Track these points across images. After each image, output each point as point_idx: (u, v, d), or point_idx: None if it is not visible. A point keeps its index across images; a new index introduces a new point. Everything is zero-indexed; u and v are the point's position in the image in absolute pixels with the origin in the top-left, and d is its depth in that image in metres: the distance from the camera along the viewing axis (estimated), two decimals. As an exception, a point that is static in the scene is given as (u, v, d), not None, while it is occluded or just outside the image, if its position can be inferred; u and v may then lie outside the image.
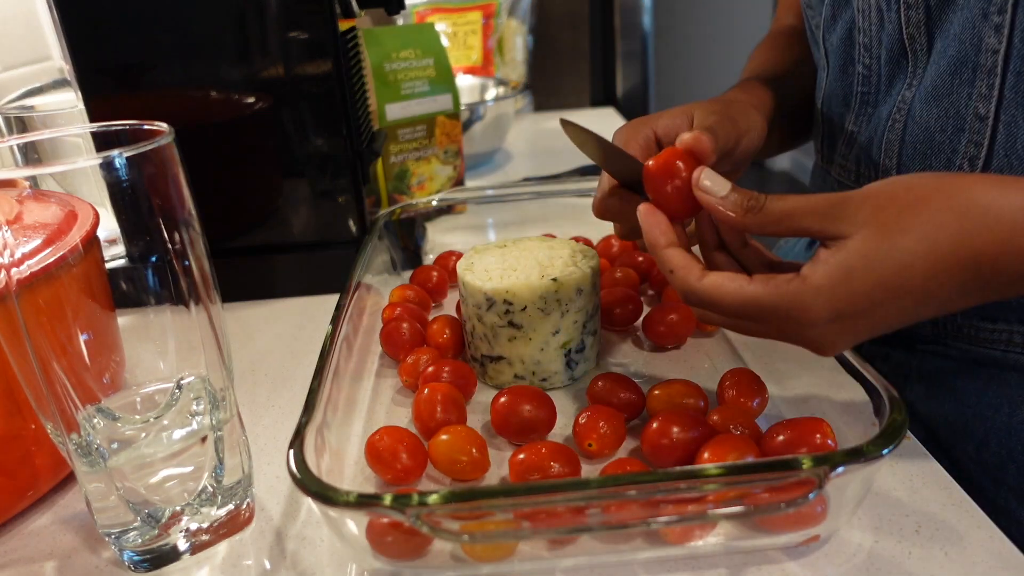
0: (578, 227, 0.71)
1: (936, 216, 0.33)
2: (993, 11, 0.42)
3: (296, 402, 0.51)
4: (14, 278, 0.31)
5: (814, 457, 0.31)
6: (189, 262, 0.35)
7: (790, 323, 0.35)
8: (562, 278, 0.48)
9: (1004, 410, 0.49)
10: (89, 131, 0.36)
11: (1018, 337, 0.49)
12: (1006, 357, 0.49)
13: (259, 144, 0.64)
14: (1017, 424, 0.48)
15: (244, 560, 0.38)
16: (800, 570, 0.35)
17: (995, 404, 0.50)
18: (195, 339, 0.36)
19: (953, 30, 0.44)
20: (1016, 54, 0.42)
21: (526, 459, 0.39)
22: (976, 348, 0.51)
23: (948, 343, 0.53)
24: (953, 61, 0.45)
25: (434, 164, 0.87)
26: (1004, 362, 0.50)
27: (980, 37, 0.43)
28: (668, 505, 0.32)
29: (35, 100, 0.78)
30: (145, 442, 0.36)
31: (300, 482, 0.32)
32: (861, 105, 0.53)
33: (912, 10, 0.46)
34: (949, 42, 0.45)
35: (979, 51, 0.43)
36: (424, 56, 0.83)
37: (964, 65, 0.44)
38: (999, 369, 0.50)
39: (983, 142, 0.44)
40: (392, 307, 0.58)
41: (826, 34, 0.55)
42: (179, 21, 0.59)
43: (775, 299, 0.35)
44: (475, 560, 0.35)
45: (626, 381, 0.46)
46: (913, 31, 0.47)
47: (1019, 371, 0.49)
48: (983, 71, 0.43)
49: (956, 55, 0.44)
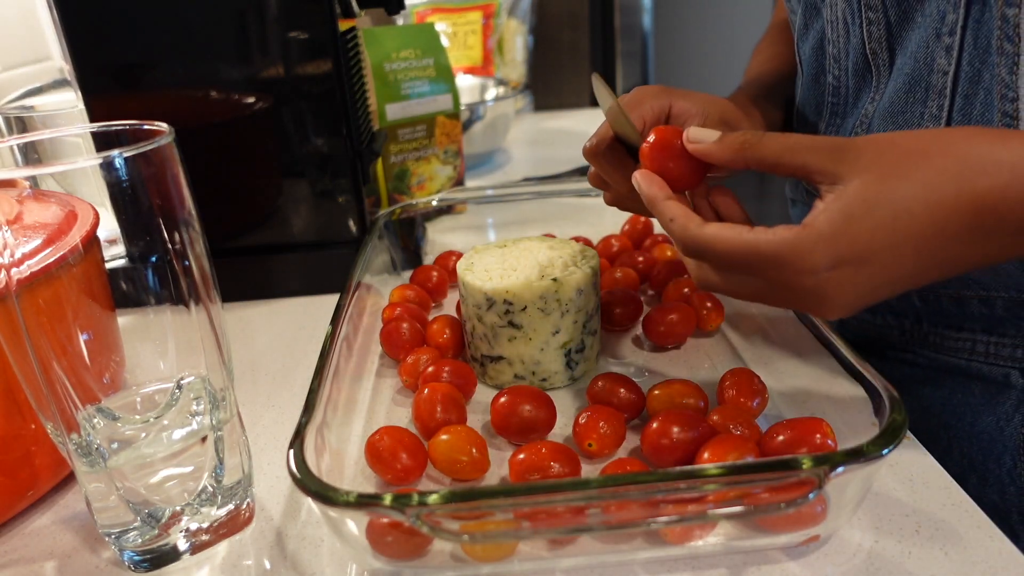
0: (578, 227, 0.71)
1: (937, 162, 0.33)
2: (945, 31, 0.42)
3: (296, 402, 0.51)
4: (14, 278, 0.32)
5: (814, 457, 0.31)
6: (189, 262, 0.35)
7: (789, 272, 0.34)
8: (562, 278, 0.48)
9: (967, 419, 0.50)
10: (89, 131, 0.36)
11: (980, 346, 0.49)
12: (969, 366, 0.50)
13: (259, 144, 0.64)
14: (979, 433, 0.49)
15: (244, 560, 0.38)
16: (800, 570, 0.35)
17: (958, 412, 0.50)
18: (195, 339, 0.36)
19: (910, 47, 0.44)
20: (964, 76, 0.42)
21: (526, 459, 0.39)
22: (942, 356, 0.52)
23: (916, 351, 0.53)
24: (908, 79, 0.45)
25: (434, 164, 0.87)
26: (968, 370, 0.50)
27: (933, 57, 0.43)
28: (668, 505, 0.32)
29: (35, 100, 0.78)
30: (145, 442, 0.36)
31: (300, 482, 0.32)
32: (831, 115, 0.53)
33: (874, 25, 0.46)
34: (907, 59, 0.45)
35: (931, 71, 0.43)
36: (424, 56, 0.83)
37: (918, 84, 0.44)
38: (964, 377, 0.51)
39: None
40: (392, 307, 0.58)
41: (800, 42, 0.55)
42: (179, 21, 0.59)
43: (775, 246, 0.34)
44: (475, 560, 0.35)
45: (626, 381, 0.46)
46: (875, 46, 0.47)
47: (982, 380, 0.50)
48: (934, 91, 0.43)
49: (911, 73, 0.44)
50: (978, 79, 0.41)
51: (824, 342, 0.42)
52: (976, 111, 0.42)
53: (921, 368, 0.53)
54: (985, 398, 0.49)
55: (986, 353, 0.49)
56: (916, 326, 0.52)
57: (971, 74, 0.41)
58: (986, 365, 0.49)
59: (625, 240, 0.69)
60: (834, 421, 0.39)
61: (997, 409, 0.49)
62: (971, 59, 0.41)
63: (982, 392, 0.49)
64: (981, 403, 0.49)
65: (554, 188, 0.71)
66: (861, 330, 0.58)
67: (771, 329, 0.53)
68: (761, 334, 0.54)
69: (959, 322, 0.50)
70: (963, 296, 0.48)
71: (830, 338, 0.41)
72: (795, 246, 0.33)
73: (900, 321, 0.54)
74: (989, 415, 0.49)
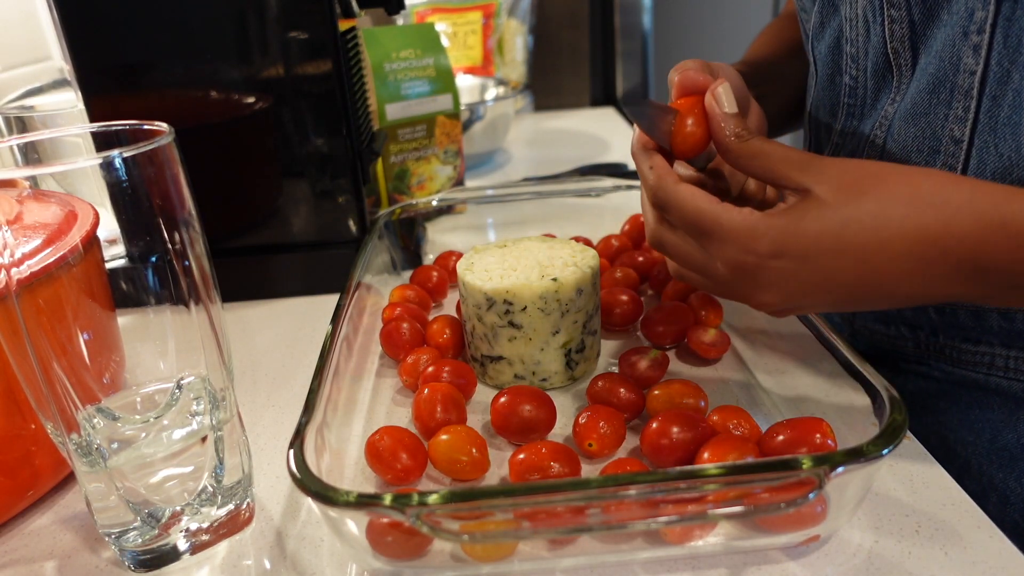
0: (578, 227, 0.71)
1: (893, 188, 0.35)
2: (973, 30, 0.40)
3: (296, 402, 0.51)
4: (14, 278, 0.31)
5: (814, 457, 0.31)
6: (189, 262, 0.35)
7: (735, 248, 0.37)
8: (562, 278, 0.48)
9: (986, 435, 0.48)
10: (89, 131, 0.36)
11: (1000, 360, 0.48)
12: (988, 380, 0.49)
13: (259, 144, 0.64)
14: (999, 450, 0.47)
15: (244, 560, 0.38)
16: (800, 570, 0.35)
17: (977, 428, 0.49)
18: (195, 339, 0.36)
19: (935, 47, 0.43)
20: (993, 77, 0.40)
21: (526, 459, 0.39)
22: (958, 370, 0.50)
23: (932, 364, 0.52)
24: (932, 79, 0.43)
25: (434, 164, 0.87)
26: (986, 385, 0.49)
27: (959, 56, 0.41)
28: (668, 505, 0.32)
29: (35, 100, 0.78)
30: (145, 442, 0.36)
31: (300, 482, 0.32)
32: (847, 117, 0.52)
33: (896, 24, 0.45)
34: (931, 59, 0.43)
35: (957, 71, 0.42)
36: (424, 56, 0.83)
37: (943, 84, 0.43)
38: (981, 392, 0.49)
39: (957, 165, 0.43)
40: (392, 307, 0.58)
41: (815, 42, 0.54)
42: (179, 21, 0.59)
43: (734, 222, 0.37)
44: (475, 560, 0.35)
45: (626, 381, 0.46)
46: (897, 45, 0.45)
47: (1001, 395, 0.48)
48: (960, 92, 0.42)
49: (936, 73, 0.43)
50: (1007, 79, 0.40)
51: (824, 342, 0.42)
52: (1004, 113, 0.41)
53: (936, 381, 0.52)
54: (1005, 413, 0.48)
55: (1005, 368, 0.47)
56: (932, 339, 0.51)
57: (1000, 74, 0.40)
58: (1005, 380, 0.48)
59: (625, 240, 0.69)
60: (834, 421, 0.39)
61: (1018, 426, 0.47)
62: (1000, 59, 0.40)
63: (1001, 407, 0.48)
64: (1001, 419, 0.48)
65: (554, 188, 0.71)
66: (874, 341, 0.56)
67: (771, 329, 0.53)
68: (761, 334, 0.54)
69: (977, 335, 0.48)
70: (982, 309, 0.47)
71: (830, 338, 0.41)
72: (751, 227, 0.37)
73: (915, 333, 0.52)
74: (1010, 432, 0.47)
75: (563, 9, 1.42)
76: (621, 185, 0.70)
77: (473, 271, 0.50)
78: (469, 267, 0.51)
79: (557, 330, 0.49)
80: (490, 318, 0.49)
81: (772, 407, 0.46)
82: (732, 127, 0.39)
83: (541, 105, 1.46)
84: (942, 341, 0.50)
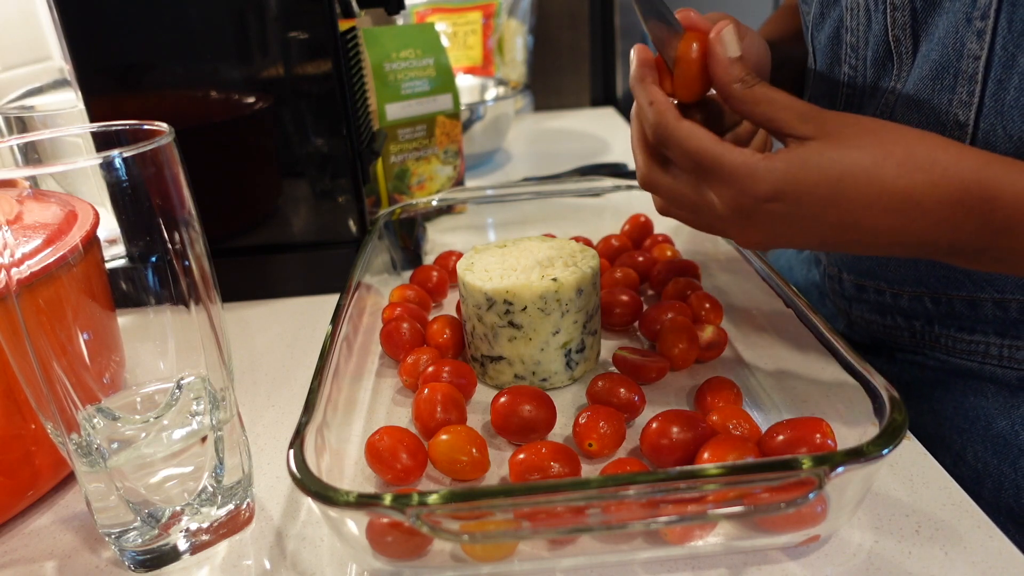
0: (578, 227, 0.71)
1: (889, 147, 0.36)
2: (976, 16, 0.41)
3: (296, 402, 0.51)
4: (14, 278, 0.31)
5: (814, 457, 0.31)
6: (189, 262, 0.35)
7: (734, 190, 0.38)
8: (562, 278, 0.48)
9: (980, 423, 0.49)
10: (89, 131, 0.36)
11: (994, 349, 0.48)
12: (983, 369, 0.49)
13: (259, 144, 0.64)
14: (993, 437, 0.48)
15: (244, 560, 0.38)
16: (800, 570, 0.35)
17: (972, 416, 0.49)
18: (195, 339, 0.36)
19: (937, 33, 0.43)
20: (997, 61, 0.41)
21: (526, 459, 0.39)
22: (953, 359, 0.51)
23: (926, 353, 0.53)
24: (936, 66, 0.44)
25: (434, 164, 0.87)
26: (981, 374, 0.49)
27: (963, 42, 0.42)
28: (668, 505, 0.32)
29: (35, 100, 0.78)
30: (145, 442, 0.36)
31: (300, 482, 0.32)
32: (846, 106, 0.52)
33: (898, 11, 0.45)
34: (933, 46, 0.44)
35: (961, 56, 0.42)
36: (424, 56, 0.83)
37: (946, 70, 0.43)
38: (976, 381, 0.50)
39: None
40: (392, 307, 0.58)
41: (814, 32, 0.54)
42: (179, 21, 0.59)
43: (736, 164, 0.38)
44: (475, 560, 0.35)
45: (626, 381, 0.46)
46: (899, 32, 0.46)
47: (996, 383, 0.49)
48: (964, 77, 0.42)
49: (939, 59, 0.43)
50: (1012, 64, 0.40)
51: (824, 342, 0.42)
52: (1010, 96, 0.41)
53: (931, 370, 0.52)
54: (999, 401, 0.48)
55: (1000, 356, 0.48)
56: (927, 328, 0.52)
57: (1004, 59, 0.40)
58: (1000, 368, 0.49)
59: (625, 240, 0.69)
60: (834, 421, 0.39)
61: (1012, 413, 0.48)
62: (1005, 43, 0.40)
63: (996, 395, 0.49)
64: (995, 406, 0.48)
65: (554, 188, 0.71)
66: (870, 331, 0.57)
67: (771, 328, 0.53)
68: (761, 333, 0.54)
69: (972, 324, 0.49)
70: (976, 298, 0.48)
71: (830, 338, 0.41)
72: (752, 168, 0.37)
73: (910, 323, 0.53)
74: (1004, 419, 0.48)
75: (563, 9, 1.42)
76: (621, 185, 0.70)
77: (473, 271, 0.50)
78: (469, 267, 0.51)
79: (557, 330, 0.49)
80: (490, 318, 0.49)
81: (772, 407, 0.46)
82: (737, 72, 0.39)
83: (541, 105, 1.46)
84: (937, 331, 0.51)
